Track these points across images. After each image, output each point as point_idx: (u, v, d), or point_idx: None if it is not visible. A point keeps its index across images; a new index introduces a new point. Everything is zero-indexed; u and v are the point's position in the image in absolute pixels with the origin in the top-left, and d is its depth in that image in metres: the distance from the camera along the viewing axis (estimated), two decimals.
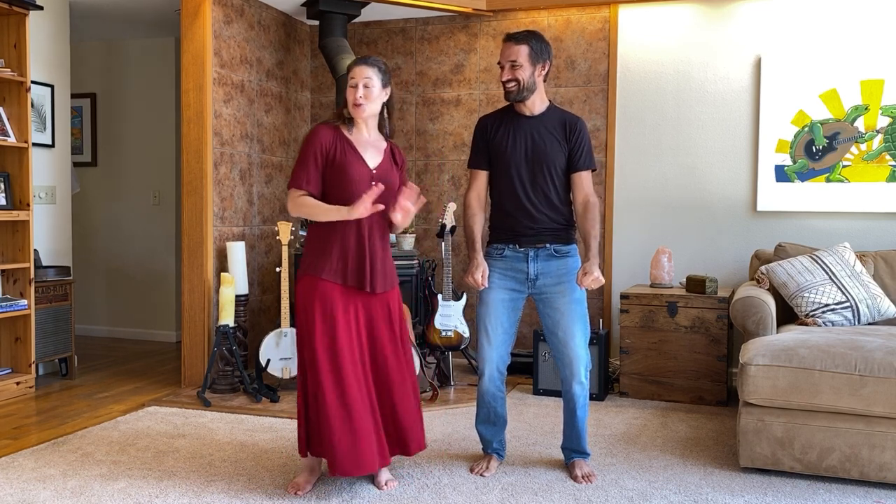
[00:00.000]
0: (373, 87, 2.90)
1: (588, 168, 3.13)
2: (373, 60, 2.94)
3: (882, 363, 3.02)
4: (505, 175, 3.12)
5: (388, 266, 3.00)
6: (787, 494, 3.00)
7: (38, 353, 4.57)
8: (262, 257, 5.14)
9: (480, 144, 3.19)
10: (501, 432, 3.30)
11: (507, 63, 3.06)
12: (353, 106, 2.91)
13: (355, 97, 2.89)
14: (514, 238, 3.13)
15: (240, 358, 4.35)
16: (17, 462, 3.28)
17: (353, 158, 2.90)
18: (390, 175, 2.97)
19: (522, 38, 3.06)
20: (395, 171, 3.02)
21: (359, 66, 2.91)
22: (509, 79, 3.05)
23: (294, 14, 5.40)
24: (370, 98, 2.91)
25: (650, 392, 4.41)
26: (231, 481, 3.07)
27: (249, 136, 4.99)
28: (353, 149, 2.92)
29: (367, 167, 2.92)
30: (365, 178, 2.90)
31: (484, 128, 3.19)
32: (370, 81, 2.90)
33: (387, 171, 2.97)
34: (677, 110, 4.88)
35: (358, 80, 2.90)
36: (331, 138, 2.91)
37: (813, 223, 4.63)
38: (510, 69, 3.05)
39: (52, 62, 4.97)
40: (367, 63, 2.92)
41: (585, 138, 3.13)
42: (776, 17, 4.67)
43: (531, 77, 3.06)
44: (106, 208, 6.37)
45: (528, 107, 3.12)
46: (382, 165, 2.97)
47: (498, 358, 3.17)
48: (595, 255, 3.04)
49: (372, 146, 2.98)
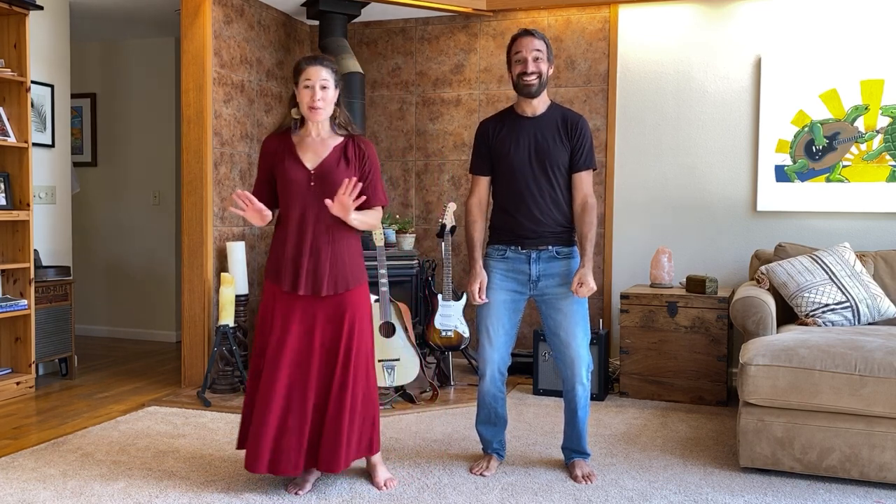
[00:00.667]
0: (329, 89, 2.86)
1: (588, 168, 3.12)
2: (326, 61, 2.88)
3: (882, 363, 3.02)
4: (509, 177, 3.11)
5: (338, 267, 2.88)
6: (787, 494, 3.00)
7: (38, 353, 4.57)
8: (262, 257, 5.14)
9: (482, 149, 3.17)
10: (502, 433, 3.30)
11: (531, 55, 3.02)
12: (309, 109, 2.86)
13: (313, 100, 2.84)
14: (517, 239, 3.12)
15: (240, 358, 4.35)
16: (17, 462, 3.28)
17: (290, 163, 2.89)
18: (335, 173, 2.87)
19: (538, 33, 3.06)
20: (345, 168, 2.90)
21: (313, 67, 2.84)
22: (533, 71, 3.01)
23: (294, 14, 5.40)
24: (328, 100, 2.87)
25: (650, 392, 4.41)
26: (231, 481, 3.07)
27: (249, 136, 4.99)
28: (292, 153, 2.90)
29: (304, 169, 2.88)
30: (301, 180, 2.87)
31: (485, 132, 3.17)
32: (327, 83, 2.85)
33: (329, 169, 2.88)
34: (677, 110, 4.88)
35: (314, 82, 2.83)
36: (273, 147, 2.95)
37: (813, 223, 4.63)
38: (534, 62, 3.02)
39: (52, 62, 4.97)
40: (322, 64, 2.86)
41: (587, 137, 3.11)
42: (776, 17, 4.67)
43: (547, 73, 3.06)
44: (106, 208, 6.37)
45: (532, 106, 3.10)
46: (325, 164, 2.88)
47: (499, 359, 3.16)
48: (590, 261, 3.04)
49: (318, 145, 2.92)
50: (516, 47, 3.07)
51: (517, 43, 3.07)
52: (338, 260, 2.89)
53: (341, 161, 2.91)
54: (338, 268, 2.89)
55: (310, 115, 2.87)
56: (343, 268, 2.90)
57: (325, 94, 2.85)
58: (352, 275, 2.92)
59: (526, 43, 3.04)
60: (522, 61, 3.04)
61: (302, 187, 2.86)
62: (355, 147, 2.95)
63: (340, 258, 2.89)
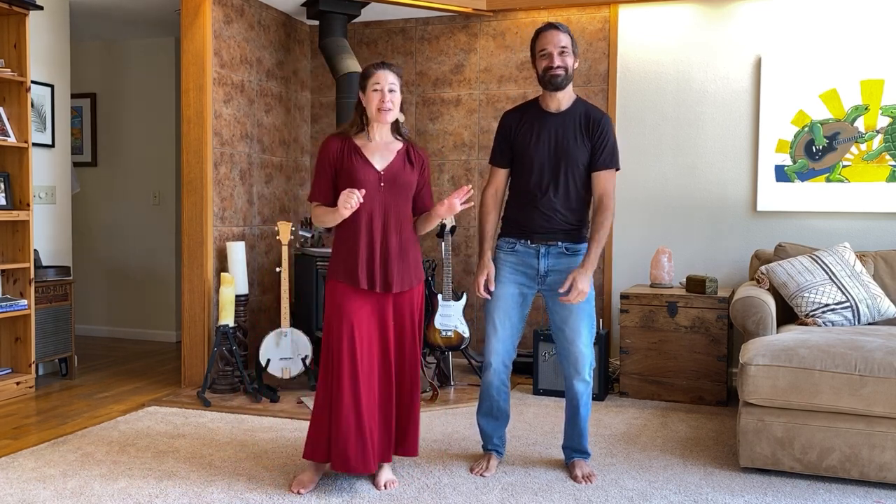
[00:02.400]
0: (396, 93, 2.96)
1: (609, 167, 3.09)
2: (394, 67, 2.99)
3: (882, 363, 3.02)
4: (527, 171, 3.10)
5: (407, 265, 2.99)
6: (787, 494, 3.00)
7: (38, 353, 4.57)
8: (262, 257, 5.14)
9: (503, 142, 3.17)
10: (502, 428, 3.29)
11: (557, 49, 3.01)
12: (378, 111, 2.93)
13: (382, 102, 2.92)
14: (528, 234, 3.11)
15: (240, 358, 4.35)
16: (17, 462, 3.28)
17: (359, 163, 2.95)
18: (402, 175, 2.98)
19: (563, 27, 3.05)
20: (410, 171, 3.01)
21: (382, 72, 2.94)
22: (559, 65, 3.00)
23: (294, 14, 5.40)
24: (397, 103, 2.96)
25: (650, 392, 4.41)
26: (231, 481, 3.07)
27: (249, 136, 4.99)
28: (359, 154, 2.97)
29: (373, 169, 2.95)
30: (372, 180, 2.94)
31: (508, 124, 3.16)
32: (395, 87, 2.95)
33: (398, 171, 2.98)
34: (677, 110, 4.88)
35: (383, 85, 2.93)
36: (337, 147, 2.99)
37: (813, 223, 4.63)
38: (560, 56, 3.01)
39: (52, 62, 4.97)
40: (391, 69, 2.97)
41: (609, 136, 3.08)
42: (776, 17, 4.67)
43: (572, 67, 3.05)
44: (106, 208, 6.37)
45: (557, 101, 3.08)
46: (392, 166, 2.97)
47: (504, 351, 3.17)
48: (592, 264, 3.01)
49: (382, 149, 3.00)
50: (541, 43, 3.05)
51: (542, 38, 3.05)
52: (406, 258, 2.99)
53: (406, 164, 3.01)
54: (406, 265, 2.99)
55: (379, 116, 2.94)
56: (409, 266, 3.01)
57: (394, 97, 2.94)
58: (415, 274, 3.04)
59: (551, 37, 3.03)
60: (548, 56, 3.02)
61: (372, 187, 2.94)
62: (415, 154, 3.06)
63: (407, 257, 3.00)
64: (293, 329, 4.43)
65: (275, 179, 5.29)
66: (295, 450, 3.45)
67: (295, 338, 4.42)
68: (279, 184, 5.34)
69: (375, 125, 2.99)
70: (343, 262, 2.97)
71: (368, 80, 2.95)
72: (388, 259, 2.95)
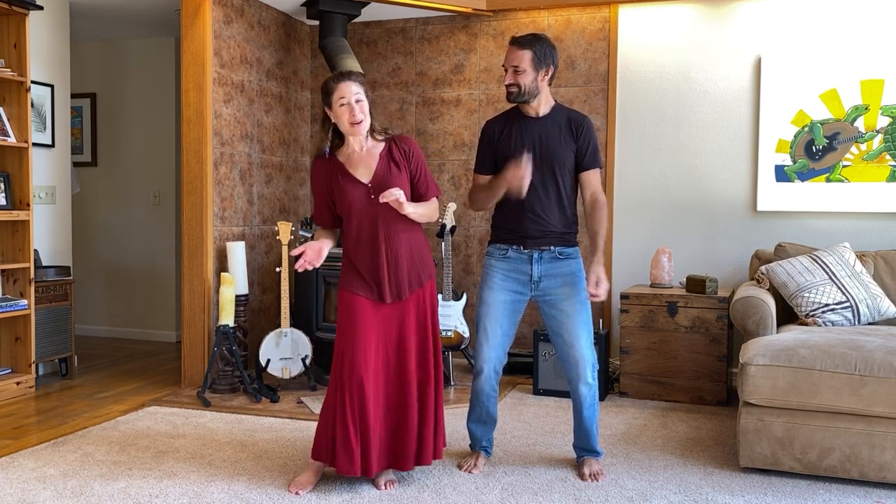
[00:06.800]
0: (363, 101, 2.90)
1: (594, 167, 3.12)
2: (353, 75, 2.93)
3: (882, 363, 3.02)
4: None
5: (414, 266, 2.99)
6: (787, 494, 3.00)
7: (38, 353, 4.57)
8: (262, 257, 5.14)
9: (486, 150, 3.18)
10: (491, 431, 3.33)
11: (510, 67, 3.05)
12: (351, 125, 2.90)
13: (353, 116, 2.88)
14: (520, 239, 3.12)
15: (240, 358, 4.35)
16: (17, 462, 3.28)
17: (346, 182, 2.95)
18: (390, 181, 2.94)
19: (527, 42, 3.04)
20: (398, 172, 2.97)
21: (343, 84, 2.88)
22: (511, 83, 3.06)
23: (294, 14, 5.40)
24: (366, 111, 2.92)
25: (650, 392, 4.41)
26: (231, 481, 3.08)
27: (249, 136, 4.99)
28: (344, 172, 2.96)
29: (360, 185, 2.94)
30: (362, 196, 2.94)
31: (490, 132, 3.18)
32: (360, 96, 2.90)
33: (384, 179, 2.95)
34: (677, 110, 4.88)
35: (349, 98, 2.87)
36: (324, 171, 2.99)
37: (813, 223, 4.63)
38: (513, 74, 3.05)
39: (52, 62, 4.97)
40: (350, 79, 2.90)
41: (592, 137, 3.12)
42: (776, 17, 4.67)
43: (533, 82, 3.05)
44: (106, 208, 6.37)
45: (533, 108, 3.12)
46: (378, 175, 2.95)
47: (496, 358, 3.18)
48: (601, 259, 3.03)
49: (366, 157, 2.97)
50: (505, 58, 3.12)
51: (506, 53, 3.11)
52: (412, 260, 2.99)
53: (391, 167, 2.97)
54: (413, 267, 2.99)
55: (352, 130, 2.91)
56: (416, 266, 3.00)
57: (362, 107, 2.90)
58: (424, 271, 3.03)
59: (509, 55, 3.08)
60: (505, 71, 3.09)
61: (364, 203, 2.93)
62: (399, 148, 3.01)
63: (413, 258, 2.99)
64: (293, 329, 4.43)
65: (275, 179, 5.29)
66: (295, 450, 3.45)
67: (295, 338, 4.42)
68: (279, 184, 5.34)
69: (351, 137, 2.96)
70: (355, 274, 2.97)
71: (332, 95, 2.89)
72: (398, 268, 2.95)
